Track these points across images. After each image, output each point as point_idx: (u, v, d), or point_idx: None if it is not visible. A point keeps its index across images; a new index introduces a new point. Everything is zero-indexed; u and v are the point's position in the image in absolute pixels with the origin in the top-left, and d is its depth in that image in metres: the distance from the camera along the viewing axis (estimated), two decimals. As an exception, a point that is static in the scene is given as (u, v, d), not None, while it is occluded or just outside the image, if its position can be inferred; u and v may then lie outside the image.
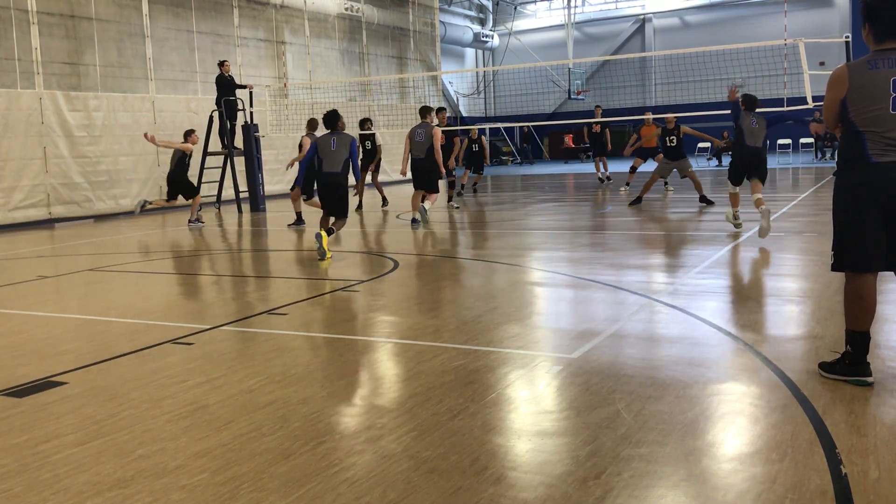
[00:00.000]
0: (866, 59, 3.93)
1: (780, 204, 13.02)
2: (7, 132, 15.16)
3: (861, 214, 3.91)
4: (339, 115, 9.99)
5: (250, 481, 3.17)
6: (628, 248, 9.45)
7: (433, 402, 4.01)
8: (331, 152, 9.71)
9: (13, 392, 4.51)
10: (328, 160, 9.73)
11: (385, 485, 3.08)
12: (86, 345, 5.62)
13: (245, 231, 13.86)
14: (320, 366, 4.85)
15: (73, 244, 12.39)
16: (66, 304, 7.47)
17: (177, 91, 19.58)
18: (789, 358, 4.54)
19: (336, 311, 6.53)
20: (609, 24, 37.32)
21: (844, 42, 14.44)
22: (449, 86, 35.74)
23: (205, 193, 17.67)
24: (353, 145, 9.78)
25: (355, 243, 10.91)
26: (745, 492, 2.92)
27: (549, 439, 3.51)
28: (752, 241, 9.18)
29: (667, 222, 11.71)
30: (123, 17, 18.40)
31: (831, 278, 6.56)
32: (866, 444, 3.29)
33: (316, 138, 10.36)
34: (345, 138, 9.81)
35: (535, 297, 6.96)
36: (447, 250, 9.85)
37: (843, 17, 31.44)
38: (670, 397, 3.93)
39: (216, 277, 8.80)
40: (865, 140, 3.90)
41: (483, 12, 38.71)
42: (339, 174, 9.72)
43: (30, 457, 3.53)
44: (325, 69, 24.88)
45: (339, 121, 9.96)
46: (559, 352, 4.90)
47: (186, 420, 3.93)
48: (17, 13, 15.91)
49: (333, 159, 9.69)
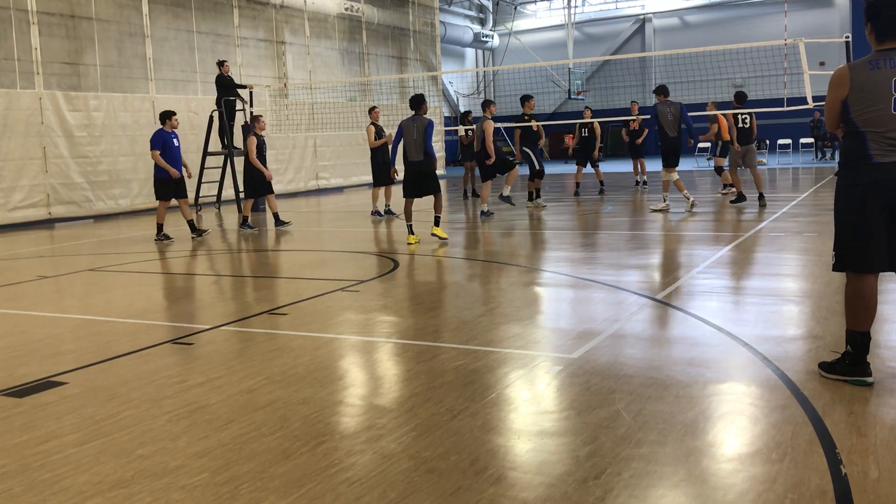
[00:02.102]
0: (867, 59, 3.92)
1: (780, 204, 13.01)
2: (7, 132, 15.15)
3: (863, 215, 3.91)
4: (423, 99, 10.57)
5: (250, 481, 3.17)
6: (628, 248, 9.44)
7: (433, 402, 4.01)
8: (412, 140, 10.31)
9: (13, 392, 4.51)
10: (411, 148, 10.35)
11: (385, 485, 3.08)
12: (86, 345, 5.62)
13: (244, 231, 13.84)
14: (320, 366, 4.85)
15: (72, 244, 12.39)
16: (66, 304, 7.46)
17: (177, 91, 19.58)
18: (789, 358, 4.54)
19: (336, 311, 6.53)
20: (609, 24, 37.31)
21: (844, 42, 14.44)
22: (449, 86, 35.73)
23: (205, 193, 17.71)
24: (429, 130, 10.31)
25: (356, 243, 10.90)
26: (745, 492, 2.92)
27: (549, 439, 3.51)
28: (752, 241, 9.18)
29: (667, 222, 11.71)
30: (123, 17, 18.41)
31: (831, 278, 6.56)
32: (866, 444, 3.29)
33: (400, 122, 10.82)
34: (423, 122, 10.34)
35: (535, 297, 6.96)
36: (447, 250, 9.85)
37: (843, 17, 31.42)
38: (670, 397, 3.93)
39: (216, 277, 8.80)
40: (867, 140, 3.90)
41: (483, 12, 38.70)
42: (424, 161, 10.34)
43: (30, 457, 3.53)
44: (325, 69, 24.88)
45: (423, 105, 10.51)
46: (559, 352, 4.90)
47: (186, 420, 3.93)
48: (17, 13, 15.91)
49: (416, 146, 10.31)
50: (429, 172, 10.44)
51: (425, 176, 10.44)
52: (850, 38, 14.48)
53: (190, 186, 13.78)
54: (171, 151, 11.77)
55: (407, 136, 10.43)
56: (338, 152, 23.87)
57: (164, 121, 11.90)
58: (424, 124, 10.31)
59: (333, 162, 23.68)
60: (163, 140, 11.72)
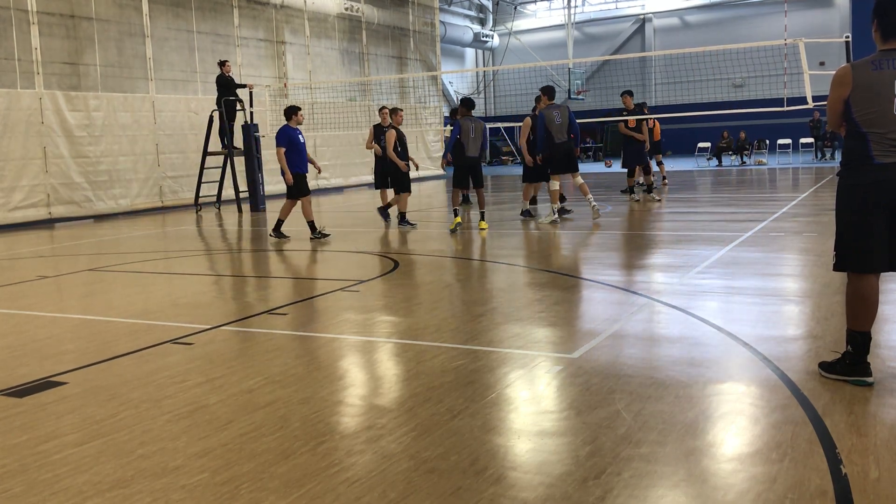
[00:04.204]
0: (871, 58, 3.91)
1: (780, 204, 13.02)
2: (7, 132, 15.15)
3: (865, 215, 3.91)
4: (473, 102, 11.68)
5: (250, 481, 3.17)
6: (628, 248, 9.45)
7: (433, 402, 4.01)
8: (470, 138, 11.40)
9: (13, 392, 4.51)
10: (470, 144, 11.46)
11: (385, 485, 3.08)
12: (86, 345, 5.62)
13: (245, 231, 13.86)
14: (320, 366, 4.85)
15: (73, 244, 12.39)
16: (66, 304, 7.46)
17: (177, 91, 19.58)
18: (789, 358, 4.54)
19: (336, 311, 6.53)
20: (609, 24, 37.31)
21: (844, 42, 14.43)
22: (449, 86, 35.73)
23: (204, 193, 17.71)
24: (485, 131, 11.58)
25: (356, 243, 10.90)
26: (745, 492, 2.92)
27: (549, 439, 3.51)
28: (752, 241, 9.18)
29: (666, 223, 11.71)
30: (123, 17, 18.41)
31: (831, 278, 6.56)
32: (866, 444, 3.29)
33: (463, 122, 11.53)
34: (479, 125, 11.52)
35: (535, 297, 6.96)
36: (447, 250, 9.86)
37: (843, 17, 31.43)
38: (670, 397, 3.93)
39: (216, 277, 8.80)
40: (869, 141, 3.89)
41: (483, 12, 38.70)
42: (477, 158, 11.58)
43: (30, 457, 3.53)
44: (325, 69, 24.89)
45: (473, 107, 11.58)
46: (559, 352, 4.90)
47: (186, 420, 3.93)
48: (17, 13, 15.91)
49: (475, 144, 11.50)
50: (480, 168, 11.91)
51: (476, 170, 11.85)
52: (850, 38, 14.48)
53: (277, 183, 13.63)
54: (298, 148, 11.22)
55: (464, 134, 11.48)
56: (338, 152, 23.87)
57: (290, 117, 11.28)
58: (481, 127, 11.63)
59: (333, 162, 23.67)
60: (289, 137, 11.13)
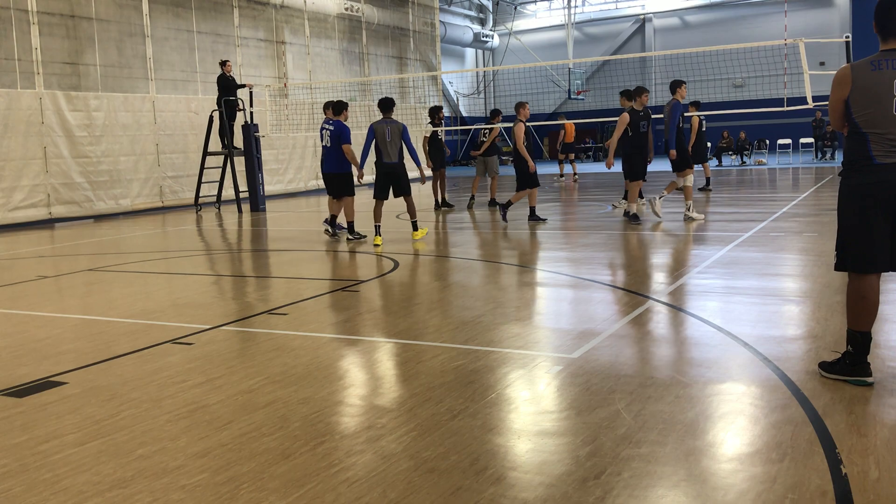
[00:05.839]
0: (871, 59, 3.91)
1: (780, 204, 13.02)
2: (7, 132, 15.15)
3: (866, 215, 3.91)
4: (394, 102, 10.55)
5: (250, 481, 3.17)
6: (628, 248, 9.45)
7: (433, 402, 4.01)
8: (387, 142, 10.39)
9: (13, 392, 4.51)
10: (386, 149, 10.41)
11: (385, 485, 3.08)
12: (86, 345, 5.62)
13: (245, 231, 13.86)
14: (320, 366, 4.85)
15: (73, 244, 12.39)
16: (66, 304, 7.46)
17: (177, 91, 19.58)
18: (789, 358, 4.54)
19: (336, 311, 6.54)
20: (609, 24, 37.30)
21: (844, 42, 14.44)
22: (449, 86, 35.72)
23: (205, 193, 17.71)
24: (405, 133, 10.43)
25: (356, 243, 10.90)
26: (745, 492, 2.92)
27: (549, 439, 3.51)
28: (752, 241, 9.18)
29: (666, 223, 11.70)
30: (123, 17, 18.40)
31: (831, 278, 6.56)
32: (866, 444, 3.29)
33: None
34: (396, 127, 10.41)
35: (535, 297, 6.96)
36: (447, 250, 9.86)
37: (843, 17, 31.42)
38: (670, 397, 3.93)
39: (216, 277, 8.80)
40: (869, 141, 3.89)
41: (483, 12, 38.69)
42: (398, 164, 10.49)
43: (30, 457, 3.53)
44: (325, 69, 24.88)
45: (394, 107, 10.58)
46: (559, 352, 4.90)
47: (186, 420, 3.93)
48: (17, 13, 15.91)
49: (391, 149, 10.41)
50: (401, 174, 10.57)
51: (398, 177, 10.56)
52: (850, 38, 14.49)
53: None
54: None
55: (380, 138, 10.47)
56: (338, 152, 23.85)
57: (341, 112, 11.04)
58: (399, 128, 10.45)
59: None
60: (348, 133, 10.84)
